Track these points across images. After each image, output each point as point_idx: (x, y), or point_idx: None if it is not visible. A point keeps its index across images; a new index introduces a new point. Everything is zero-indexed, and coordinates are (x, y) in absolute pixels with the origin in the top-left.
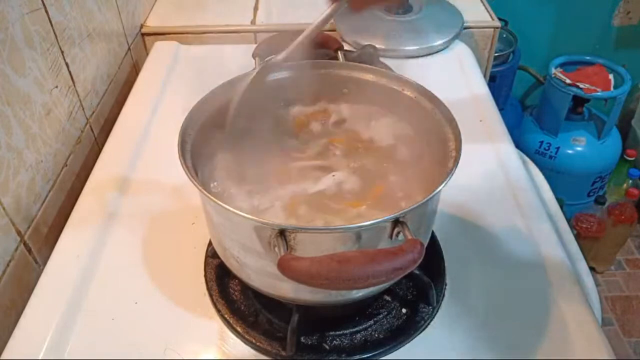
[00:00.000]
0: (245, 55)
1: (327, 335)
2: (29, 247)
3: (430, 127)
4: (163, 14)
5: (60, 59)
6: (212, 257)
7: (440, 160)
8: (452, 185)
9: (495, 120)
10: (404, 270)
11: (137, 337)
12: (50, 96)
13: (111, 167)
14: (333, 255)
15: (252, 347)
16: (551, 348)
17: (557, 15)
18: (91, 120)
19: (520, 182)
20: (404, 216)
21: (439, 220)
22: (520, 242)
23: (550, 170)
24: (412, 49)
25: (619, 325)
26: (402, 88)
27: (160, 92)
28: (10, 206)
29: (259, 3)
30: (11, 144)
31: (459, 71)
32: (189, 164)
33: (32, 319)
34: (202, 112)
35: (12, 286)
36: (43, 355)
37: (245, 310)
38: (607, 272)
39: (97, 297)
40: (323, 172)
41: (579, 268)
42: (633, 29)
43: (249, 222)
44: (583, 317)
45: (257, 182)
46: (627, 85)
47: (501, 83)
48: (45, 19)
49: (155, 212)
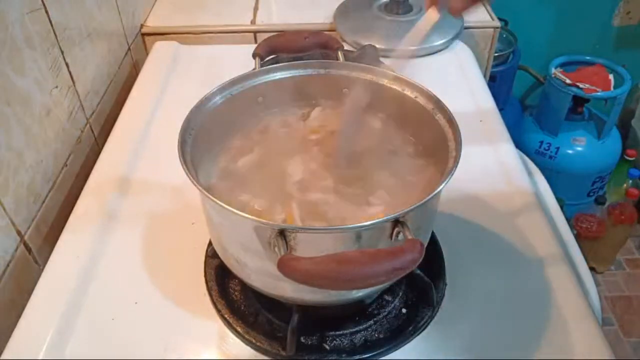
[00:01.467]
0: (245, 55)
1: (327, 335)
2: (29, 247)
3: (430, 127)
4: (163, 14)
5: (60, 59)
6: (212, 257)
7: (441, 160)
8: (452, 185)
9: (495, 120)
10: (404, 270)
11: (137, 337)
12: (50, 96)
13: (111, 167)
14: (333, 255)
15: (252, 347)
16: (551, 348)
17: (557, 15)
18: (91, 120)
19: (520, 182)
20: (404, 216)
21: (439, 220)
22: (520, 242)
23: (550, 170)
24: (412, 49)
25: (619, 325)
26: (402, 88)
27: (160, 92)
28: (10, 206)
29: (259, 3)
30: (11, 144)
31: (459, 71)
32: (189, 164)
33: (32, 319)
34: (202, 112)
35: (12, 286)
36: (43, 355)
37: (245, 310)
38: (607, 272)
39: (97, 297)
40: (323, 173)
41: (579, 268)
42: (633, 29)
43: (249, 222)
44: (583, 317)
45: (257, 181)
46: (627, 85)
47: (501, 83)
48: (45, 19)
49: (155, 212)
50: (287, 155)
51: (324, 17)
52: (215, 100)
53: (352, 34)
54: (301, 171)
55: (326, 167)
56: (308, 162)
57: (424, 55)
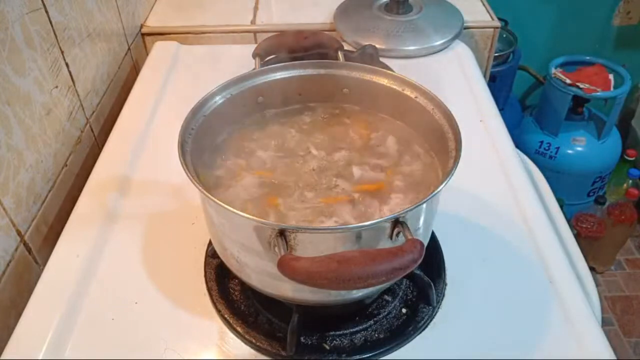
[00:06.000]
0: (245, 55)
1: (327, 335)
2: (29, 247)
3: (430, 127)
4: (163, 14)
5: (60, 59)
6: (212, 257)
7: (441, 161)
8: (452, 185)
9: (495, 120)
10: (404, 270)
11: (137, 337)
12: (50, 96)
13: (111, 167)
14: (333, 255)
15: (252, 347)
16: (551, 348)
17: (557, 15)
18: (91, 120)
19: (520, 182)
20: (404, 216)
21: (439, 220)
22: (520, 242)
23: (550, 170)
24: (412, 49)
25: (619, 325)
26: (402, 88)
27: (160, 92)
28: (10, 206)
29: (259, 3)
30: (11, 144)
31: (459, 71)
32: (189, 164)
33: (32, 319)
34: (202, 112)
35: (12, 286)
36: (43, 355)
37: (245, 310)
38: (607, 272)
39: (97, 297)
40: (322, 174)
41: (579, 268)
42: (633, 29)
43: (249, 222)
44: (583, 317)
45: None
46: (627, 85)
47: (501, 83)
48: (45, 19)
49: (155, 212)
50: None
51: (324, 17)
52: (215, 100)
53: (352, 34)
54: (302, 172)
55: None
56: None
57: (424, 55)
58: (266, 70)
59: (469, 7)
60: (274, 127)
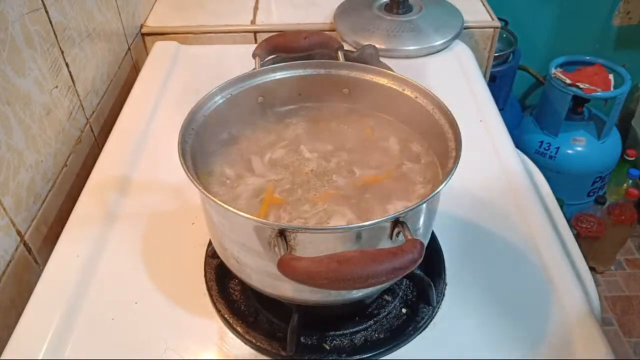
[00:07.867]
0: (245, 55)
1: (327, 335)
2: (29, 247)
3: (430, 127)
4: (163, 14)
5: (60, 59)
6: (212, 257)
7: (440, 161)
8: (452, 185)
9: (495, 120)
10: (404, 270)
11: (137, 337)
12: (50, 96)
13: (111, 167)
14: (333, 255)
15: (252, 347)
16: (551, 348)
17: (557, 15)
18: (91, 120)
19: (520, 182)
20: (404, 216)
21: (439, 220)
22: (520, 242)
23: (550, 170)
24: (412, 49)
25: (619, 325)
26: (402, 88)
27: (160, 92)
28: (10, 206)
29: (259, 3)
30: (11, 144)
31: (459, 71)
32: (189, 164)
33: (32, 319)
34: (202, 112)
35: (12, 286)
36: (43, 355)
37: (245, 310)
38: (607, 272)
39: (97, 297)
40: (322, 174)
41: (579, 268)
42: (633, 29)
43: (249, 222)
44: (583, 317)
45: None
46: (627, 85)
47: (501, 83)
48: (45, 19)
49: (155, 212)
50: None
51: (324, 17)
52: (215, 100)
53: (352, 34)
54: (303, 172)
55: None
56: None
57: (424, 55)
58: (266, 70)
59: (469, 7)
60: (274, 127)
